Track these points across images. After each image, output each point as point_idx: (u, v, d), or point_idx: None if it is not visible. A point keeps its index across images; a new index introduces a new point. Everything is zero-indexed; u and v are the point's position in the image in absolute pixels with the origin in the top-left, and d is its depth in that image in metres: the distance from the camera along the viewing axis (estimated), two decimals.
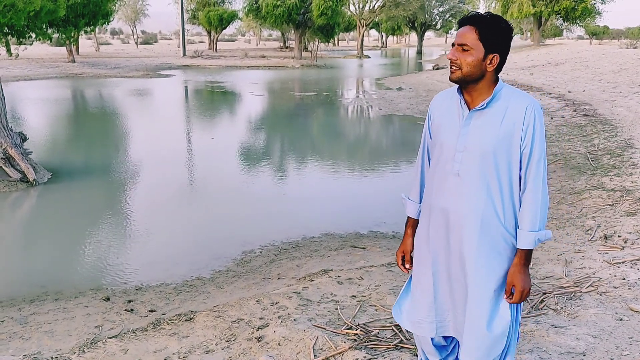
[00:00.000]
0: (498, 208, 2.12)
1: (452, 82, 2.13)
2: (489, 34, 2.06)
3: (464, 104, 2.17)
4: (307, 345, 3.18)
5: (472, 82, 2.11)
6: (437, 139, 2.28)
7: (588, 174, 7.48)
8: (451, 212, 2.18)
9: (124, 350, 3.31)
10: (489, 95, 2.12)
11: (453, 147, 2.17)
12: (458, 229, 2.17)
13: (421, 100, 18.80)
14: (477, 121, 2.13)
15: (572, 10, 45.09)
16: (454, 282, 2.24)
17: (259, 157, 10.75)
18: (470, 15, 2.11)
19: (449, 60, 2.11)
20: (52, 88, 23.29)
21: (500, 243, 2.14)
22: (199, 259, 5.67)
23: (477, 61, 2.07)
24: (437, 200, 2.24)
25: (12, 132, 8.43)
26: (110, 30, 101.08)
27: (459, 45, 2.08)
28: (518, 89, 2.18)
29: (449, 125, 2.22)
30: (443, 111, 2.26)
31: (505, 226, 2.14)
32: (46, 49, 46.87)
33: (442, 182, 2.22)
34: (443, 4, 66.30)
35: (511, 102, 2.10)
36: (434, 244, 2.27)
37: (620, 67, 19.88)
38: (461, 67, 2.08)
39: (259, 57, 47.65)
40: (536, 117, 2.07)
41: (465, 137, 2.14)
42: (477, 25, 2.07)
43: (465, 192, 2.15)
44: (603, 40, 55.65)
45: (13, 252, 6.05)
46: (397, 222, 6.71)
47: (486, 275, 2.15)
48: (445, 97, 2.30)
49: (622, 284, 4.00)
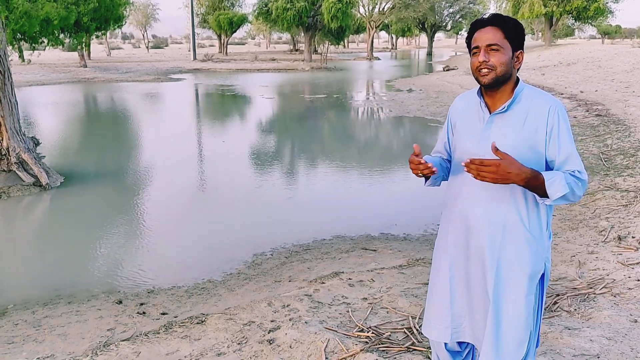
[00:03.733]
0: (522, 213, 2.09)
1: (485, 85, 2.08)
2: (512, 32, 2.06)
3: (484, 107, 2.14)
4: (319, 348, 3.17)
5: (503, 82, 2.07)
6: (458, 143, 2.24)
7: (601, 175, 7.41)
8: (472, 218, 2.15)
9: (137, 353, 3.32)
10: (510, 98, 2.09)
11: (474, 151, 2.13)
12: (479, 234, 2.13)
13: (432, 102, 18.74)
14: (499, 125, 2.10)
15: (583, 9, 44.76)
16: (473, 287, 2.21)
17: (269, 160, 10.76)
18: (487, 17, 2.09)
19: (479, 63, 2.05)
20: (64, 93, 23.51)
21: (524, 248, 2.10)
22: (210, 262, 5.68)
23: (509, 59, 2.05)
24: (457, 206, 2.21)
25: (25, 137, 8.52)
26: (122, 35, 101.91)
27: (488, 47, 2.04)
28: (539, 89, 2.14)
29: (469, 130, 2.18)
30: (463, 115, 2.24)
31: (529, 231, 2.10)
32: (58, 54, 47.34)
33: (463, 186, 2.19)
34: (453, 5, 66.03)
35: (533, 104, 2.07)
36: (453, 250, 2.24)
37: (633, 67, 19.69)
38: (495, 67, 2.04)
39: (269, 60, 47.79)
40: (560, 118, 2.04)
41: (486, 141, 2.10)
42: (501, 25, 2.05)
43: (487, 197, 2.12)
44: (615, 39, 55.23)
45: (26, 255, 6.11)
46: (408, 224, 6.68)
47: (509, 281, 2.11)
48: (465, 101, 2.27)
49: (637, 285, 3.95)
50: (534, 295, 2.14)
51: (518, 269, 2.11)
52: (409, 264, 5.03)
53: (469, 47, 2.14)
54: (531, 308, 2.14)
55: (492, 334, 2.14)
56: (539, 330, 2.25)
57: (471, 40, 2.12)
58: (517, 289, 2.11)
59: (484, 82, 2.07)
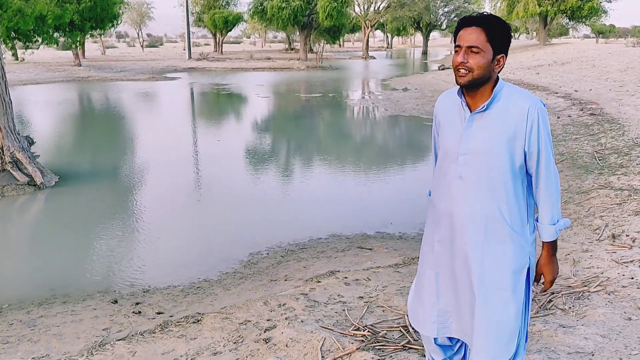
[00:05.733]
0: (503, 209, 2.12)
1: (461, 86, 2.11)
2: (496, 35, 2.05)
3: (465, 106, 2.16)
4: (315, 347, 3.18)
5: (481, 84, 2.09)
6: (440, 141, 2.28)
7: (595, 173, 7.44)
8: (455, 215, 2.18)
9: (132, 352, 3.32)
10: (490, 97, 2.11)
11: (456, 150, 2.17)
12: (462, 231, 2.16)
13: (427, 100, 18.76)
14: (479, 123, 2.12)
15: (578, 9, 44.86)
16: (459, 283, 2.23)
17: (264, 159, 10.76)
18: (475, 16, 2.08)
19: (458, 63, 2.06)
20: (58, 92, 23.42)
21: (507, 242, 2.13)
22: (206, 261, 5.68)
23: (488, 63, 2.05)
24: (441, 203, 2.24)
25: (19, 136, 8.48)
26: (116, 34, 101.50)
27: (468, 48, 2.05)
28: (518, 88, 2.16)
29: (451, 128, 2.21)
30: (446, 113, 2.26)
31: (511, 225, 2.13)
32: (52, 53, 47.11)
33: (446, 185, 2.22)
34: (448, 4, 66.18)
35: (512, 103, 2.08)
36: (439, 246, 2.27)
37: (627, 66, 19.76)
38: (472, 69, 2.05)
39: (264, 59, 47.71)
40: (539, 116, 2.06)
41: (467, 139, 2.13)
42: (485, 27, 2.04)
43: (469, 194, 2.14)
44: (609, 38, 55.41)
45: (21, 255, 6.09)
46: (404, 223, 6.70)
47: (494, 276, 2.14)
48: (447, 99, 2.28)
49: (631, 283, 3.97)
50: (520, 290, 2.17)
51: (502, 264, 2.14)
52: (405, 263, 5.04)
53: (455, 43, 2.14)
54: (520, 303, 2.17)
55: (481, 330, 2.16)
56: (528, 324, 2.28)
57: (457, 36, 2.12)
58: (503, 284, 2.14)
59: (460, 82, 2.10)
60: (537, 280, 2.22)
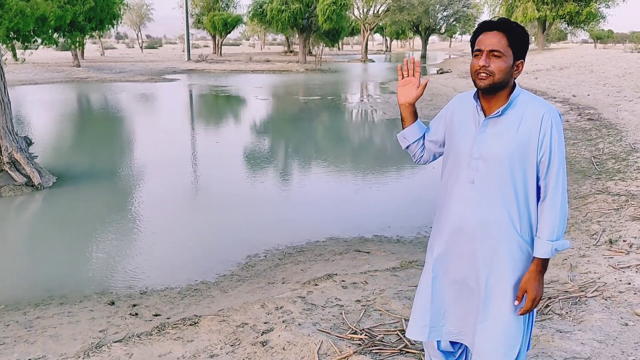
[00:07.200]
0: (514, 216, 2.10)
1: (481, 89, 2.09)
2: (517, 40, 2.05)
3: (480, 110, 2.15)
4: (312, 350, 3.18)
5: (500, 89, 2.08)
6: (452, 144, 2.26)
7: (593, 178, 7.46)
8: (465, 220, 2.16)
9: (129, 354, 3.32)
10: (506, 102, 2.10)
11: (468, 154, 2.15)
12: (472, 236, 2.15)
13: (425, 104, 18.77)
14: (493, 129, 2.11)
15: (576, 14, 44.97)
16: (463, 288, 2.22)
17: (263, 162, 10.76)
18: (496, 21, 2.08)
19: (479, 67, 2.05)
20: (57, 92, 23.40)
21: (515, 251, 2.12)
22: (204, 263, 5.68)
23: (509, 67, 2.05)
24: (451, 208, 2.22)
25: (17, 137, 8.48)
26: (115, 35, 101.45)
27: (490, 52, 2.04)
28: (535, 96, 2.15)
29: (464, 132, 2.19)
30: (461, 115, 2.24)
31: (520, 235, 2.11)
32: (51, 54, 47.05)
33: (456, 189, 2.20)
34: (447, 8, 66.28)
35: (527, 110, 2.07)
36: (440, 250, 2.26)
37: (625, 71, 19.82)
38: (493, 73, 2.04)
39: (264, 61, 47.74)
40: (553, 125, 2.04)
41: (480, 144, 2.12)
42: (507, 32, 2.05)
43: (480, 200, 2.13)
44: (607, 44, 55.56)
45: (18, 256, 6.07)
46: (402, 227, 6.70)
47: (501, 283, 2.13)
48: (463, 101, 2.27)
49: (628, 288, 3.98)
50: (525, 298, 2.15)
51: (510, 272, 2.13)
52: (402, 266, 5.05)
53: (472, 47, 2.13)
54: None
55: (485, 334, 2.16)
56: (531, 332, 2.27)
57: (476, 40, 2.11)
58: (509, 291, 2.13)
59: (480, 85, 2.08)
60: (520, 298, 2.11)
